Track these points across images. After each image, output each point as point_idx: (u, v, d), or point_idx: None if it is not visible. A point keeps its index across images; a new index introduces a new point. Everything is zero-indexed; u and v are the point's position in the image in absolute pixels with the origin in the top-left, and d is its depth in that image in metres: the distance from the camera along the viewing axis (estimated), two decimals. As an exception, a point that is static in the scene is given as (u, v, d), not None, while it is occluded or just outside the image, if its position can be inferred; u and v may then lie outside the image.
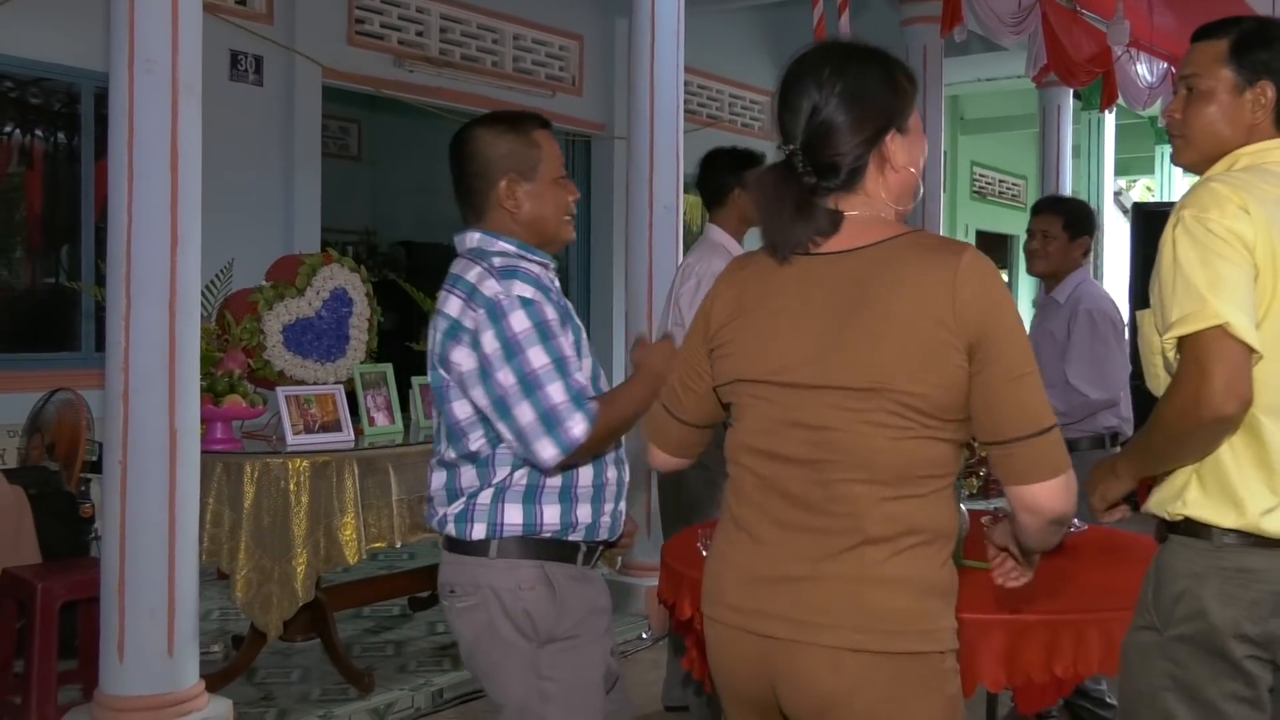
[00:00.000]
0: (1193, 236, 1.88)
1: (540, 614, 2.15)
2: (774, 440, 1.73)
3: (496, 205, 2.25)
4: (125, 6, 3.35)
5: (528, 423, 2.07)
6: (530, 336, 2.08)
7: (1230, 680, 1.92)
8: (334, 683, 4.26)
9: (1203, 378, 1.80)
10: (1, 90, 5.82)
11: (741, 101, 10.32)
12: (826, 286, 1.71)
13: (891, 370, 1.62)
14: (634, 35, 5.34)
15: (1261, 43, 2.04)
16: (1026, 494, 1.66)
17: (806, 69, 1.74)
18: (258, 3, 6.72)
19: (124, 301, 3.37)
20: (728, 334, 1.81)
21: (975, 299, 1.61)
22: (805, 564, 1.68)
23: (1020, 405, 1.64)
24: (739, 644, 1.74)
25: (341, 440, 4.10)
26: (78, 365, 5.72)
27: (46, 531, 4.23)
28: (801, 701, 1.69)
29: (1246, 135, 2.04)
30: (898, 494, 1.65)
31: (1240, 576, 1.91)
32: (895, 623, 1.64)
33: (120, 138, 3.38)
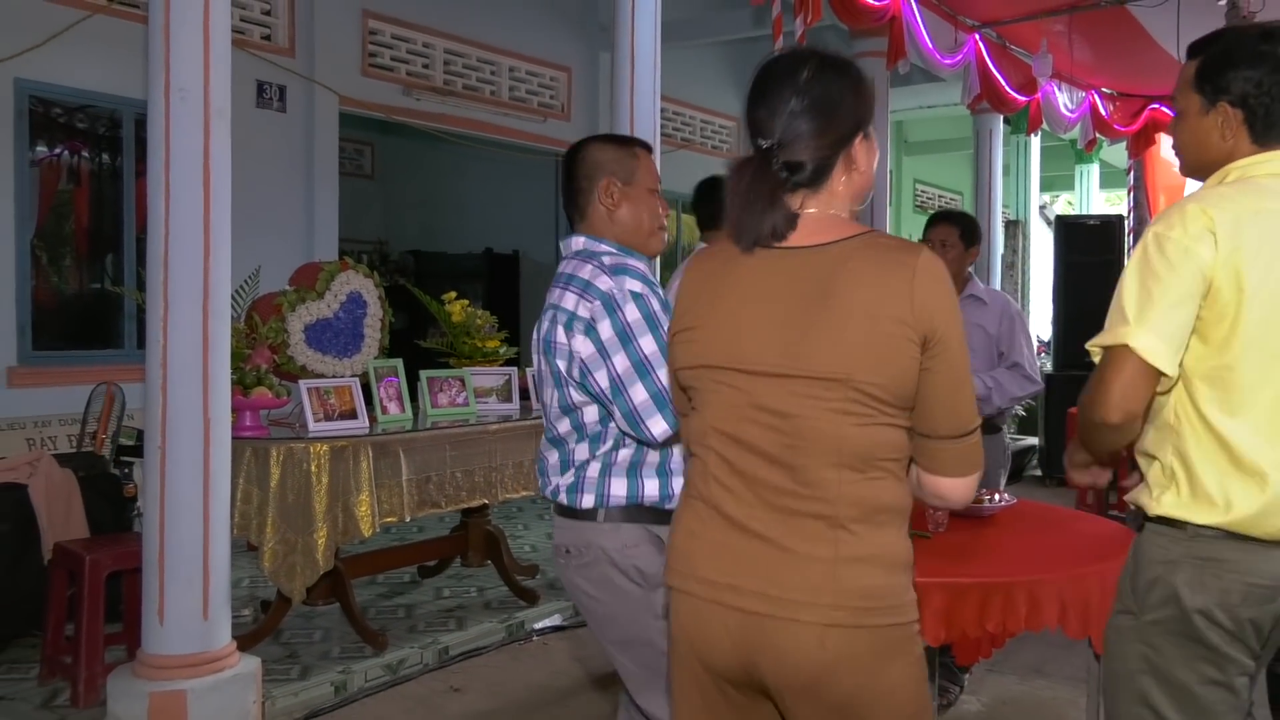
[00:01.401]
0: (1145, 256, 1.81)
1: (648, 566, 2.16)
2: (740, 425, 1.65)
3: (597, 203, 2.25)
4: (162, 41, 3.33)
5: (641, 401, 2.08)
6: (641, 326, 2.10)
7: (1203, 664, 1.84)
8: (352, 642, 4.26)
9: (1101, 387, 1.80)
10: (52, 116, 5.78)
11: (711, 126, 10.34)
12: (790, 280, 1.63)
13: (855, 362, 1.56)
14: (616, 67, 5.34)
15: (1222, 66, 1.91)
16: (937, 484, 1.68)
17: (784, 71, 1.67)
18: (281, 37, 6.70)
19: (162, 304, 3.36)
20: (690, 320, 1.72)
21: (931, 298, 1.57)
22: (778, 543, 1.61)
23: (955, 409, 1.62)
24: (715, 617, 1.65)
25: (357, 427, 4.09)
26: (121, 361, 5.69)
27: (94, 509, 4.21)
28: (788, 675, 1.61)
29: (1226, 153, 1.93)
30: (864, 477, 1.60)
31: (1212, 565, 1.83)
32: (870, 599, 1.59)
33: (158, 158, 3.36)
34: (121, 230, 6.04)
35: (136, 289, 5.36)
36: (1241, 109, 1.89)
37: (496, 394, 4.76)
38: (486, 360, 4.87)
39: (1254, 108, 1.88)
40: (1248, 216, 1.79)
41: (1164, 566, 1.86)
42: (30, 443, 5.26)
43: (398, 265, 10.66)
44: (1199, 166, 2.00)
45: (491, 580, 5.16)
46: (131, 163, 5.95)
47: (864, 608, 1.58)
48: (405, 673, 4.13)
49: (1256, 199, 1.82)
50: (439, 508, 4.33)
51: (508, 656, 4.39)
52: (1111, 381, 1.78)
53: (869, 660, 1.60)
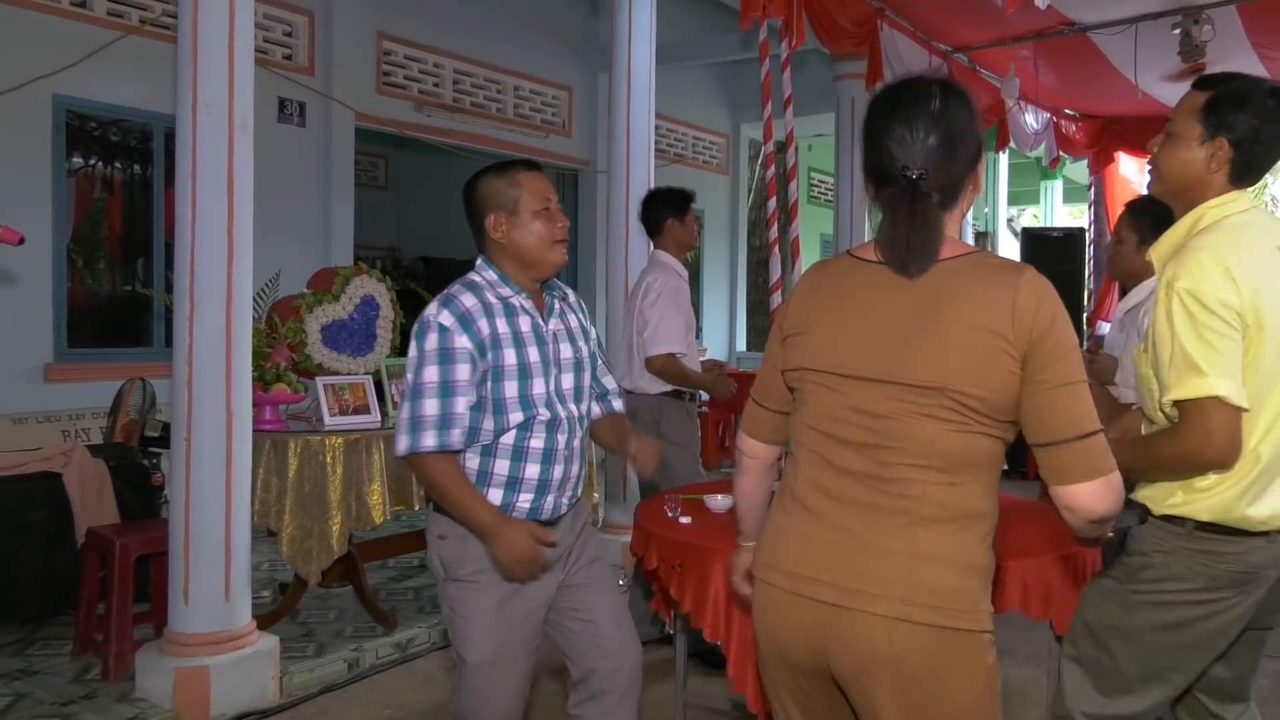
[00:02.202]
0: (1188, 310, 1.83)
1: (449, 557, 2.24)
2: (835, 424, 1.62)
3: (488, 235, 2.27)
4: (190, 60, 3.33)
5: (401, 419, 2.16)
6: (432, 355, 2.14)
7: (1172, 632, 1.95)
8: (364, 622, 4.25)
9: (1206, 439, 1.80)
10: (87, 130, 5.76)
11: (703, 142, 10.33)
12: (899, 294, 1.59)
13: (955, 373, 1.52)
14: (613, 87, 5.35)
15: (1232, 105, 1.94)
16: (1066, 493, 1.55)
17: (913, 99, 1.60)
18: (302, 57, 6.69)
19: (188, 305, 3.35)
20: (802, 326, 1.70)
21: (1032, 313, 1.52)
22: (859, 536, 1.58)
23: (1066, 410, 1.53)
24: (795, 609, 1.62)
25: (370, 421, 4.08)
26: (150, 359, 5.68)
27: (123, 497, 4.20)
28: (853, 663, 1.57)
29: (1204, 184, 1.97)
30: (951, 480, 1.56)
31: (1207, 556, 1.91)
32: (942, 598, 1.53)
33: (185, 169, 3.35)
34: (151, 236, 6.03)
35: (165, 291, 5.35)
36: (1234, 149, 1.93)
37: (500, 391, 4.74)
38: (491, 359, 4.85)
39: (1245, 151, 1.93)
40: (1258, 259, 1.86)
41: (1160, 555, 1.94)
42: (65, 434, 5.25)
43: (409, 270, 10.65)
44: (1176, 189, 2.03)
45: (495, 564, 5.15)
46: (161, 173, 5.94)
47: (935, 606, 1.53)
48: (414, 651, 4.13)
49: (1255, 238, 1.89)
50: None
51: (509, 635, 4.38)
52: (1216, 433, 1.80)
53: (935, 658, 1.54)
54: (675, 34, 7.71)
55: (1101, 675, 2.01)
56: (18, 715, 3.30)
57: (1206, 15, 6.23)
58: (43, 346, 5.46)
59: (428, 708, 3.59)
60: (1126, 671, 1.98)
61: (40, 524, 3.95)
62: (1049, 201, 13.31)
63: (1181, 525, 1.92)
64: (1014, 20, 6.13)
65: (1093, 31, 6.69)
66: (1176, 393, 1.83)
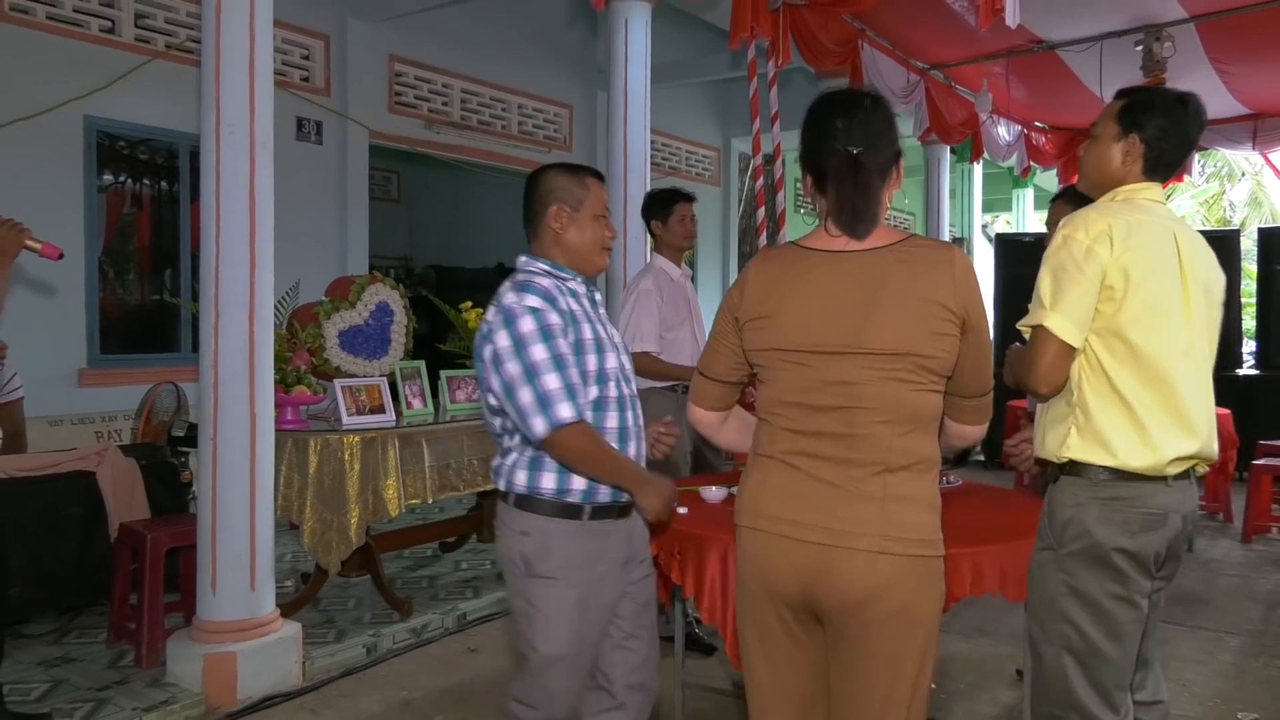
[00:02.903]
0: (1056, 255, 2.00)
1: (532, 555, 2.12)
2: (808, 394, 1.74)
3: (546, 225, 2.20)
4: (213, 81, 3.32)
5: (526, 403, 2.02)
6: (534, 336, 2.04)
7: (1110, 583, 2.00)
8: (381, 609, 4.25)
9: (1031, 363, 2.01)
10: (117, 149, 5.75)
11: (695, 155, 10.33)
12: (851, 277, 1.72)
13: (915, 339, 1.68)
14: (611, 104, 5.34)
15: (1143, 108, 2.10)
16: (962, 429, 1.86)
17: (848, 102, 1.77)
18: (318, 79, 6.68)
19: (214, 313, 3.34)
20: (763, 311, 1.79)
21: (966, 289, 1.70)
22: (837, 486, 1.71)
23: (979, 371, 1.78)
24: (780, 548, 1.74)
25: (385, 420, 4.08)
26: (177, 363, 5.66)
27: (154, 494, 4.19)
28: (842, 595, 1.69)
29: (1120, 176, 2.12)
30: (909, 432, 1.71)
31: (1114, 503, 2.00)
32: (913, 531, 1.69)
33: (209, 185, 3.35)
34: (178, 248, 6.01)
35: (191, 299, 5.34)
36: (1144, 145, 2.09)
37: (507, 391, 4.74)
38: (499, 361, 4.84)
39: (1154, 147, 2.09)
40: (1135, 225, 1.99)
41: (1075, 509, 2.02)
42: (98, 435, 5.24)
43: (421, 279, 10.62)
44: (1096, 182, 2.18)
45: (504, 554, 5.14)
46: (187, 189, 5.93)
47: (909, 539, 1.69)
48: (428, 636, 4.12)
49: (1140, 214, 2.03)
50: (457, 491, 4.31)
51: (518, 620, 4.38)
52: (1038, 360, 1.99)
53: (912, 583, 1.69)
54: (669, 54, 7.71)
55: (1072, 649, 2.03)
56: (56, 699, 3.29)
57: (1167, 33, 6.24)
58: (77, 353, 5.45)
59: (441, 689, 3.59)
60: (1090, 634, 2.01)
61: (76, 520, 3.94)
62: (1020, 208, 13.31)
63: (1088, 475, 2.01)
64: (987, 39, 6.13)
65: (1060, 49, 6.69)
66: (1025, 320, 2.02)
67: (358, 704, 3.44)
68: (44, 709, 3.20)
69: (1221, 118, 8.09)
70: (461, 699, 3.50)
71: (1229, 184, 18.74)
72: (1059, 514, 2.05)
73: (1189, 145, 2.13)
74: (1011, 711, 3.36)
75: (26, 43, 5.20)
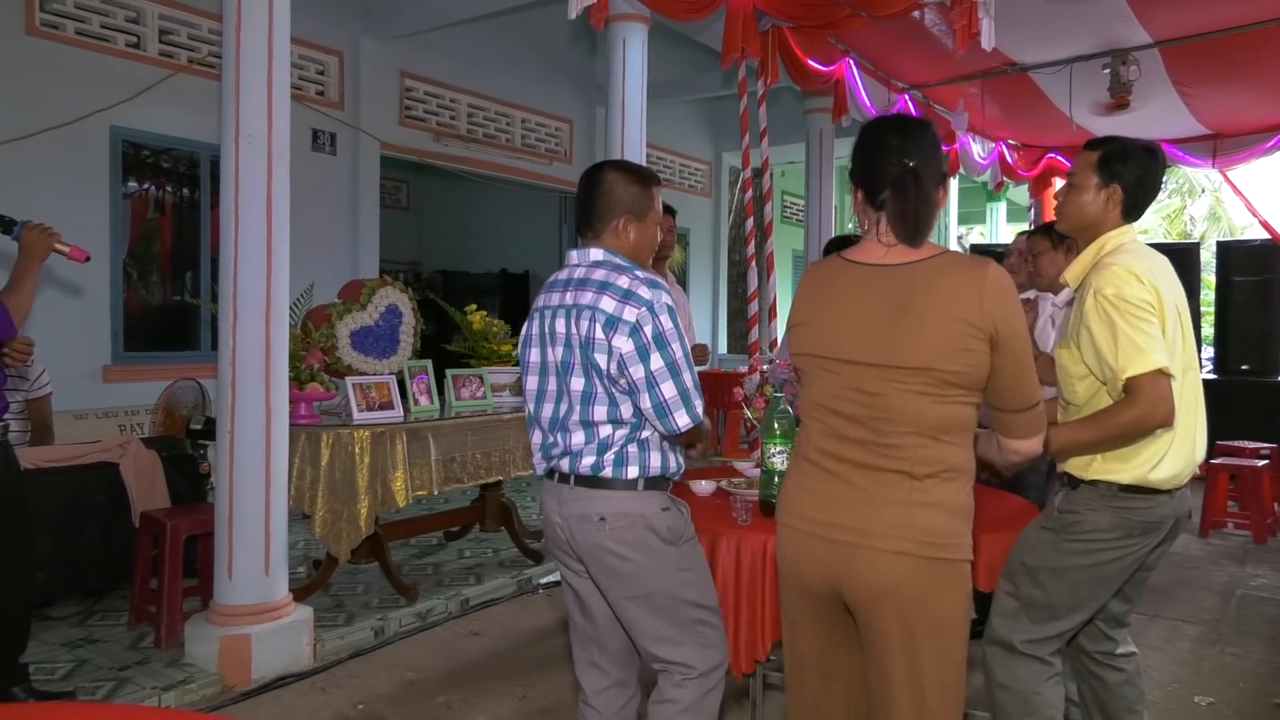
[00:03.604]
0: (1119, 310, 2.06)
1: (675, 525, 2.11)
2: (838, 401, 1.74)
3: (615, 231, 2.14)
4: (233, 95, 3.31)
5: (670, 397, 2.00)
6: (673, 334, 2.03)
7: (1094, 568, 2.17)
8: (388, 594, 4.24)
9: (1158, 403, 2.01)
10: (141, 157, 5.73)
11: (689, 168, 10.33)
12: (884, 290, 1.72)
13: (935, 355, 1.65)
14: (609, 119, 5.34)
15: (1119, 159, 2.21)
16: (1013, 444, 1.81)
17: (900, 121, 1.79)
18: (333, 93, 6.67)
19: (232, 313, 3.33)
20: (805, 317, 1.82)
21: (996, 305, 1.65)
22: (865, 490, 1.71)
23: (1021, 387, 1.73)
24: (811, 546, 1.76)
25: (394, 416, 4.07)
26: (197, 361, 5.66)
27: (174, 484, 4.18)
28: (861, 591, 1.71)
29: (1101, 220, 2.23)
30: (936, 442, 1.69)
31: (1124, 511, 2.14)
32: (933, 535, 1.68)
33: (229, 192, 3.34)
34: (199, 252, 6.00)
35: (211, 300, 5.33)
36: (1124, 192, 2.21)
37: (509, 389, 4.75)
38: (501, 361, 4.85)
39: (1131, 194, 2.22)
40: (1155, 267, 2.13)
41: (1088, 512, 2.16)
42: (122, 428, 5.22)
43: (428, 282, 10.61)
44: (1078, 225, 2.28)
45: (505, 543, 5.14)
46: (207, 196, 5.92)
47: (927, 541, 1.68)
48: (433, 620, 4.11)
49: (1143, 255, 2.15)
50: (461, 483, 4.30)
51: (518, 606, 4.37)
52: (1159, 398, 2.02)
53: (926, 584, 1.68)
54: (665, 73, 7.72)
55: (1035, 606, 2.21)
56: (79, 679, 3.28)
57: (1133, 57, 6.25)
58: (101, 350, 5.43)
59: (445, 670, 3.58)
60: (1056, 602, 2.20)
61: (100, 508, 3.93)
62: (994, 221, 13.33)
63: (1107, 489, 2.15)
64: (963, 61, 6.13)
65: (1033, 71, 6.71)
66: (1130, 371, 2.02)
67: (365, 684, 3.43)
68: (68, 688, 3.19)
69: (1183, 137, 8.11)
70: (464, 679, 3.49)
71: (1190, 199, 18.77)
72: (1070, 513, 2.18)
73: (1157, 189, 2.28)
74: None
75: (56, 56, 5.18)
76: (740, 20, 5.18)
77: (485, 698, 3.32)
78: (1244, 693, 3.46)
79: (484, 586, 4.47)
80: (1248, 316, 7.62)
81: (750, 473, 2.95)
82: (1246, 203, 8.82)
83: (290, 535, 3.61)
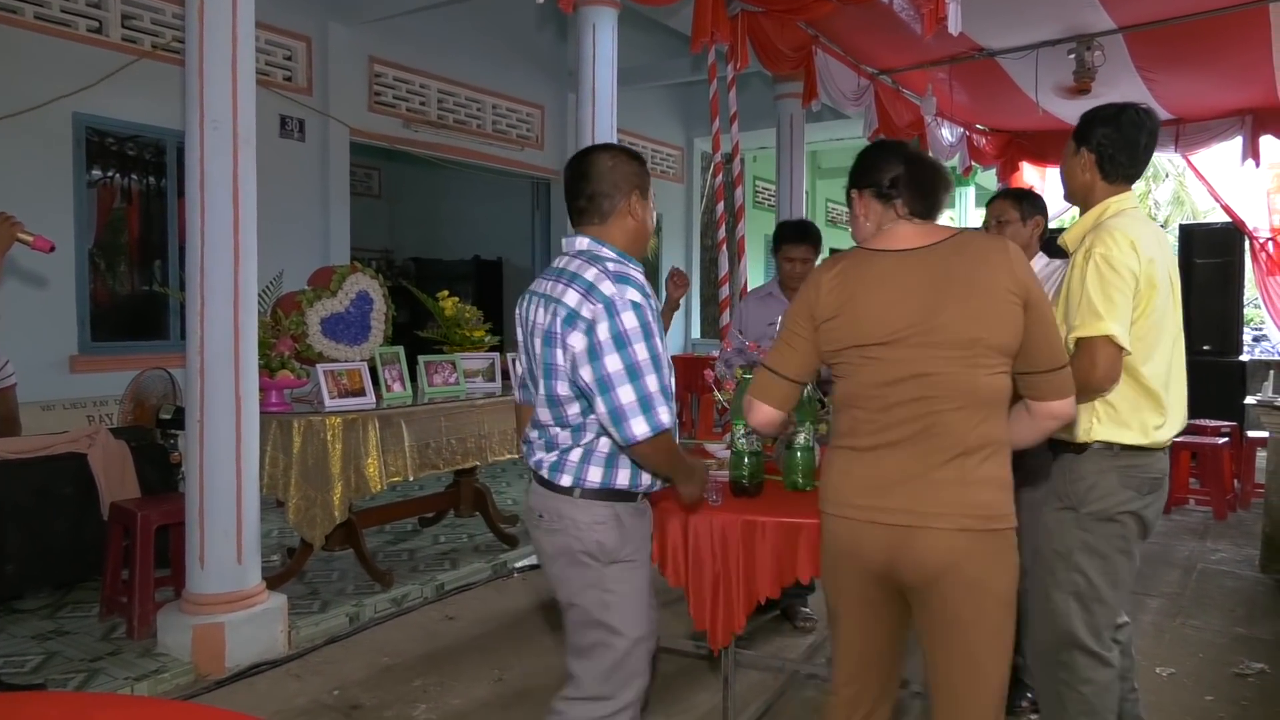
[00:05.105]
0: (1099, 271, 2.12)
1: (608, 541, 1.99)
2: (886, 389, 1.76)
3: (622, 211, 2.03)
4: (196, 79, 3.26)
5: (627, 402, 1.86)
6: (637, 333, 1.88)
7: (1118, 540, 2.24)
8: (363, 581, 4.23)
9: (1093, 368, 2.08)
10: (105, 145, 5.63)
11: (661, 154, 10.31)
12: (920, 274, 1.76)
13: (984, 325, 1.70)
14: (580, 105, 5.32)
15: (1086, 125, 2.30)
16: (1047, 407, 1.81)
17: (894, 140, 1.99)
18: (301, 79, 6.58)
19: (199, 301, 3.30)
20: (838, 310, 1.80)
21: (1024, 272, 1.74)
22: (917, 472, 1.73)
23: (1050, 346, 1.77)
24: (867, 532, 1.77)
25: (366, 403, 4.05)
26: (166, 350, 5.58)
27: (144, 474, 4.14)
28: (923, 570, 1.73)
29: (1087, 184, 2.30)
30: (983, 417, 1.73)
31: (1129, 469, 2.22)
32: (989, 509, 1.72)
33: (194, 179, 3.29)
34: (166, 240, 5.91)
35: (179, 289, 5.26)
36: (1094, 154, 2.28)
37: (482, 375, 4.73)
38: (474, 347, 4.84)
39: (1102, 154, 2.27)
40: (1153, 239, 2.18)
41: (1098, 475, 2.23)
42: (90, 419, 5.15)
43: (401, 270, 10.54)
44: (1071, 192, 2.38)
45: (480, 528, 5.14)
46: (174, 184, 5.83)
47: (985, 515, 1.72)
48: (408, 605, 4.11)
49: (1141, 225, 2.20)
50: (436, 469, 4.30)
51: (493, 590, 4.38)
52: (1099, 362, 2.09)
53: (988, 556, 1.73)
54: (635, 58, 7.68)
55: (1079, 593, 2.25)
56: (50, 671, 3.24)
57: (1098, 43, 6.30)
58: (68, 340, 5.35)
59: (421, 655, 3.58)
60: (1097, 582, 2.24)
61: (68, 499, 3.88)
62: (963, 205, 13.43)
63: (1107, 449, 2.23)
64: (932, 46, 6.16)
65: (999, 56, 6.75)
66: (1079, 332, 2.10)
67: (341, 669, 3.43)
68: (38, 680, 3.16)
69: (1146, 122, 8.19)
70: (440, 663, 3.50)
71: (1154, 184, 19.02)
72: (1081, 481, 2.25)
73: (1134, 146, 2.26)
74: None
75: (15, 42, 5.07)
76: (710, 4, 5.16)
77: (461, 681, 3.33)
78: (1203, 663, 3.54)
79: (459, 571, 4.46)
80: (1209, 298, 7.75)
81: (721, 454, 2.96)
82: (1209, 187, 8.96)
83: (264, 524, 3.59)
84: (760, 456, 2.55)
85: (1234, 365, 7.60)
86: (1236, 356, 7.73)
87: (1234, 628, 3.94)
